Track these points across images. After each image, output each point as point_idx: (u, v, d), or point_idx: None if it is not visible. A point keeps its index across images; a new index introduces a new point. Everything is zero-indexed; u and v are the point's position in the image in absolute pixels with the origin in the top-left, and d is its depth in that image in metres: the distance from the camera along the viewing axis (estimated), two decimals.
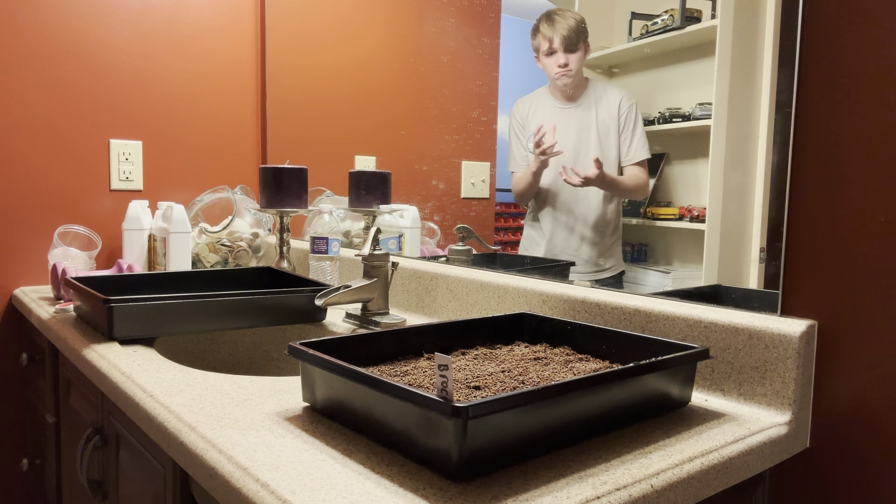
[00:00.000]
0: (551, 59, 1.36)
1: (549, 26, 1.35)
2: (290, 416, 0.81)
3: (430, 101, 1.79)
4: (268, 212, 1.57)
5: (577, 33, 1.33)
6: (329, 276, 1.52)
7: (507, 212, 1.61)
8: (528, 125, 1.43)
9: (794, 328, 0.83)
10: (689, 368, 0.85)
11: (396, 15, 1.91)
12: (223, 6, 2.03)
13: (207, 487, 0.70)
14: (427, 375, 0.82)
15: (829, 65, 0.82)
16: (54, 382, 1.50)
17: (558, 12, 1.35)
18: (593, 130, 1.32)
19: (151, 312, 1.16)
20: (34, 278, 1.78)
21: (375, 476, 0.64)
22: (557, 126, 1.37)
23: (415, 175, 1.77)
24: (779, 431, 0.80)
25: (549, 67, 1.37)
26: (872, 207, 0.79)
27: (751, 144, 1.03)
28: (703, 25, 1.13)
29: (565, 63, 1.34)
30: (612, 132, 1.30)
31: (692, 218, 1.15)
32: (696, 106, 1.13)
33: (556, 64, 1.36)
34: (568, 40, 1.33)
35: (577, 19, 1.34)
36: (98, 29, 1.83)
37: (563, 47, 1.34)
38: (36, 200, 1.78)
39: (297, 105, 2.07)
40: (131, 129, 1.90)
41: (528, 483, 0.63)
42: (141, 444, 0.97)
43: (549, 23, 1.35)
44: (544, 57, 1.37)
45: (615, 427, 0.77)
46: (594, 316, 1.05)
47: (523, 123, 1.44)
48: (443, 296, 1.36)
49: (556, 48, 1.34)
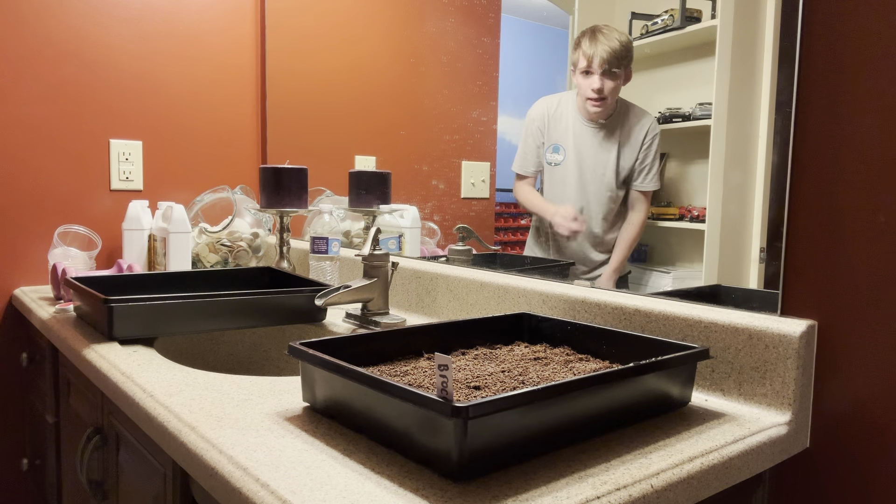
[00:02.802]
0: (586, 81, 1.27)
1: (590, 43, 1.25)
2: (290, 416, 0.81)
3: (430, 101, 1.79)
4: (268, 212, 1.57)
5: (619, 58, 1.23)
6: (329, 276, 1.52)
7: (507, 212, 1.61)
8: (548, 132, 1.37)
9: (794, 328, 0.83)
10: (689, 368, 0.85)
11: (396, 15, 1.91)
12: (223, 7, 2.03)
13: (207, 487, 0.70)
14: (427, 375, 0.82)
15: (829, 65, 0.82)
16: (54, 382, 1.50)
17: (604, 30, 1.25)
18: (613, 154, 1.27)
19: (151, 312, 1.16)
20: (34, 278, 1.78)
21: (375, 476, 0.64)
22: (579, 141, 1.30)
23: (415, 175, 1.77)
24: (779, 431, 0.80)
25: (583, 88, 1.29)
26: (872, 207, 0.79)
27: (751, 144, 1.03)
28: (704, 25, 1.13)
29: (600, 89, 1.25)
30: (631, 158, 1.25)
31: (692, 218, 1.15)
32: (697, 106, 1.13)
33: (590, 87, 1.27)
34: (608, 63, 1.23)
35: (623, 42, 1.23)
36: (98, 29, 1.83)
37: (600, 70, 1.24)
38: (36, 200, 1.78)
39: (297, 105, 2.07)
40: (131, 129, 1.90)
41: (528, 483, 0.63)
42: (141, 444, 0.97)
43: (591, 40, 1.25)
44: (580, 75, 1.28)
45: (615, 427, 0.77)
46: (594, 316, 1.05)
47: (542, 128, 1.37)
48: (443, 296, 1.36)
49: (594, 69, 1.25)
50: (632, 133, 1.25)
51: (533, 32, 1.54)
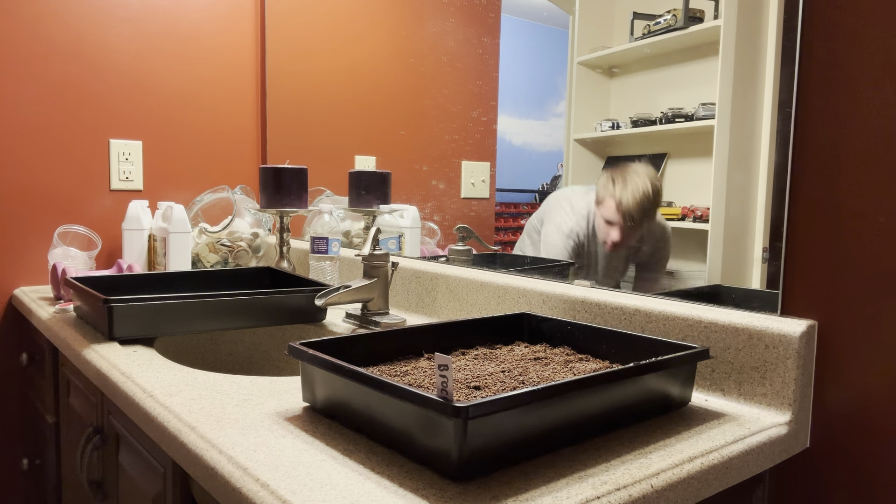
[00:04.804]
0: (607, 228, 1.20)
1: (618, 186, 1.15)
2: (290, 416, 0.80)
3: (430, 101, 1.79)
4: (268, 212, 1.57)
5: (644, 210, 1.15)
6: (329, 276, 1.52)
7: (507, 212, 1.61)
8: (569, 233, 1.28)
9: (794, 328, 0.82)
10: (689, 368, 0.85)
11: (396, 15, 1.91)
12: (223, 7, 2.03)
13: (207, 487, 0.70)
14: (427, 375, 0.82)
15: (829, 65, 0.82)
16: (54, 382, 1.50)
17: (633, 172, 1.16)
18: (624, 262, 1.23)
19: (151, 312, 1.16)
20: (34, 278, 1.78)
21: (375, 476, 0.64)
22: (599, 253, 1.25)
23: (415, 175, 1.77)
24: (779, 431, 0.80)
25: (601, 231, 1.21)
26: (872, 208, 0.79)
27: (754, 144, 1.02)
28: (706, 25, 1.13)
29: (618, 240, 1.19)
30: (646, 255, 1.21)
31: (695, 218, 1.15)
32: (699, 106, 1.13)
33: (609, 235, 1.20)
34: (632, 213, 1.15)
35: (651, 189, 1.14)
36: (98, 29, 1.83)
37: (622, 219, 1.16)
38: (36, 200, 1.78)
39: (297, 105, 2.07)
40: (131, 129, 1.90)
41: (528, 483, 0.63)
42: (141, 444, 0.97)
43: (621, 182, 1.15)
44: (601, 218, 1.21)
45: (615, 427, 0.77)
46: (594, 316, 1.05)
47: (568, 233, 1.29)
48: (443, 296, 1.36)
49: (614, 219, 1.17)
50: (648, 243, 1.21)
51: (533, 32, 1.54)
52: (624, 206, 1.17)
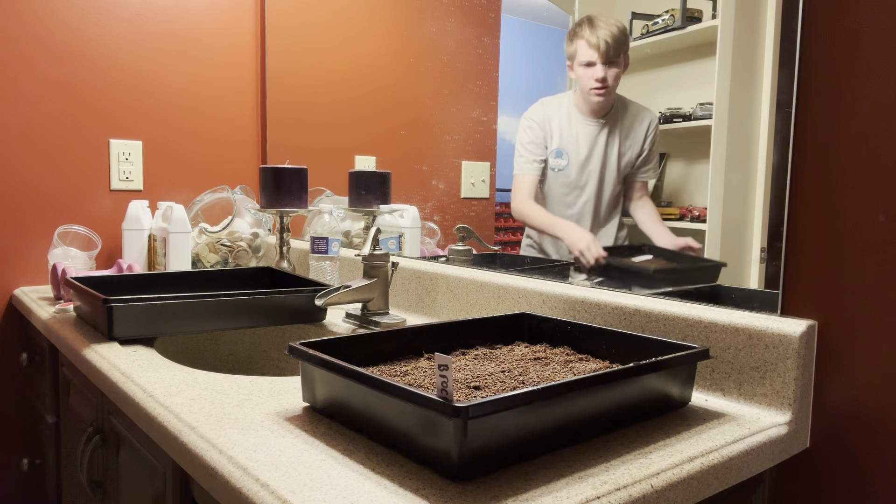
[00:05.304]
0: (588, 71, 1.25)
1: (591, 32, 1.23)
2: (290, 416, 0.80)
3: (430, 101, 1.79)
4: (268, 212, 1.57)
5: (619, 44, 1.22)
6: (329, 276, 1.52)
7: (506, 212, 1.61)
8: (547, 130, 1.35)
9: (794, 328, 0.83)
10: (689, 368, 0.85)
11: (396, 15, 1.91)
12: (223, 6, 2.03)
13: (207, 487, 0.70)
14: (427, 375, 0.82)
15: (829, 65, 0.82)
16: (54, 382, 1.50)
17: (601, 18, 1.24)
18: (615, 152, 1.26)
19: (151, 312, 1.16)
20: (34, 278, 1.78)
21: (375, 476, 0.64)
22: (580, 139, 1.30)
23: (415, 175, 1.77)
24: (779, 431, 0.80)
25: (584, 80, 1.27)
26: (872, 207, 0.79)
27: (752, 144, 1.03)
28: (704, 25, 1.13)
29: (603, 78, 1.24)
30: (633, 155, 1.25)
31: (693, 218, 1.15)
32: (697, 106, 1.13)
33: (592, 77, 1.25)
34: (610, 51, 1.22)
35: (620, 27, 1.22)
36: (98, 29, 1.83)
37: (603, 59, 1.23)
38: (36, 200, 1.78)
39: (297, 105, 2.07)
40: (131, 129, 1.90)
41: (528, 483, 0.63)
42: (141, 444, 0.97)
43: (591, 28, 1.23)
44: (580, 67, 1.26)
45: (615, 427, 0.77)
46: (594, 316, 1.05)
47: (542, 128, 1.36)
48: (443, 296, 1.36)
49: (596, 59, 1.23)
50: (633, 127, 1.25)
51: (533, 32, 1.54)
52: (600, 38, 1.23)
